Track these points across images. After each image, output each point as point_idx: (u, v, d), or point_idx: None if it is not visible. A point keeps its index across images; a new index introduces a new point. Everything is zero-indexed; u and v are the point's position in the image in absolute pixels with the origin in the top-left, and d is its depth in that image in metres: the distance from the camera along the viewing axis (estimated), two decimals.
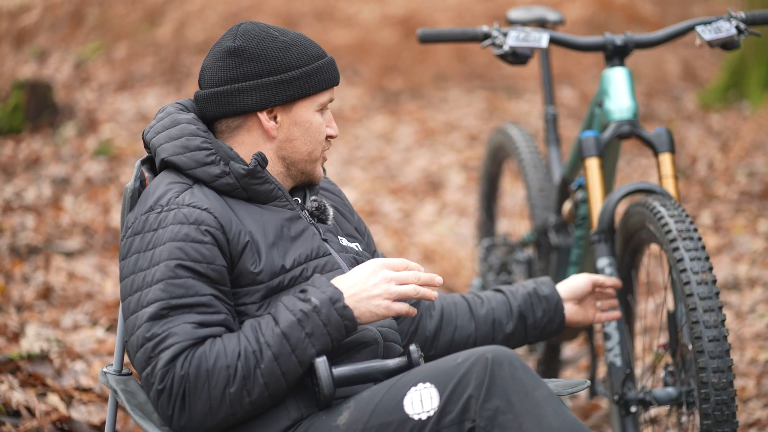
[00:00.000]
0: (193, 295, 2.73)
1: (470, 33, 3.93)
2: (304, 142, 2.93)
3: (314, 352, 2.71)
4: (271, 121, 2.92)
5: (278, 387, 2.71)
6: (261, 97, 2.89)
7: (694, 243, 3.39)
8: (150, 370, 2.70)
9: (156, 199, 2.82)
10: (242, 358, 2.69)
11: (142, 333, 2.71)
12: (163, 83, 10.12)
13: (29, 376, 4.31)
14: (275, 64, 2.89)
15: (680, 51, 10.87)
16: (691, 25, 3.91)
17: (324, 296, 2.73)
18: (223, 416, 2.69)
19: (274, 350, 2.70)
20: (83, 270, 5.96)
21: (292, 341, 2.70)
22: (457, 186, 8.03)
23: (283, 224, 2.89)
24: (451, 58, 11.04)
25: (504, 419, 2.62)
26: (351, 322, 2.75)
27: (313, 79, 2.91)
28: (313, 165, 2.96)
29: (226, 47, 2.91)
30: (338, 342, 2.76)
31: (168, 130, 2.90)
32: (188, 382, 2.67)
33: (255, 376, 2.69)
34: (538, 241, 4.73)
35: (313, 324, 2.71)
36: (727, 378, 3.28)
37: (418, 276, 2.79)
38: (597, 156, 3.88)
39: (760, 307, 5.56)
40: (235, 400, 2.69)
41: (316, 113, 2.94)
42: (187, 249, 2.75)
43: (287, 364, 2.70)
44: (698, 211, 7.05)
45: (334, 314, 2.73)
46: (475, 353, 2.70)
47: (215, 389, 2.68)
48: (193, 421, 2.69)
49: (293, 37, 2.93)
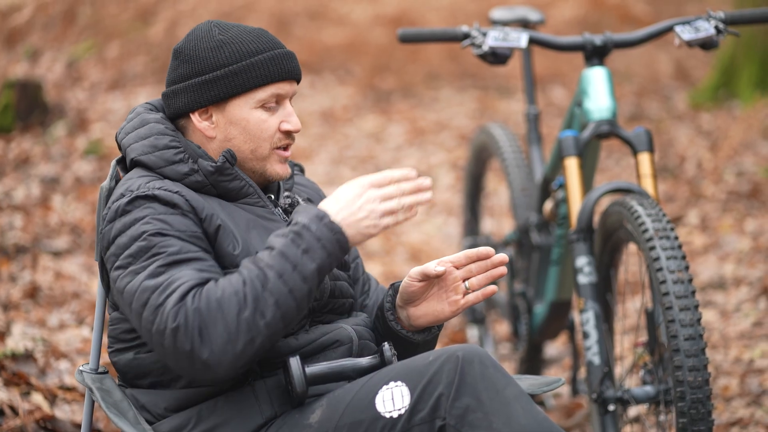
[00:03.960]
0: (186, 252, 2.74)
1: (450, 33, 3.95)
2: (244, 140, 2.92)
3: (314, 267, 2.70)
4: (204, 122, 2.92)
5: (288, 306, 2.69)
6: (188, 99, 2.91)
7: (670, 242, 3.41)
8: (160, 316, 2.66)
9: (126, 188, 2.83)
10: (248, 283, 2.68)
11: (144, 292, 2.69)
12: (154, 82, 10.13)
13: (13, 375, 4.32)
14: (203, 64, 2.89)
15: (672, 50, 10.88)
16: (670, 25, 3.93)
17: (310, 214, 2.73)
18: (243, 344, 2.66)
19: (277, 269, 2.68)
20: (70, 269, 5.97)
21: (291, 258, 2.69)
22: (446, 185, 8.05)
23: (255, 220, 2.90)
24: (443, 57, 11.05)
25: (474, 417, 2.64)
26: (342, 236, 2.72)
27: (242, 76, 2.88)
28: (262, 163, 2.94)
29: (173, 48, 2.96)
30: (337, 259, 2.73)
31: (137, 130, 2.92)
32: (201, 314, 2.65)
33: (264, 296, 2.67)
34: (520, 240, 4.75)
35: (306, 241, 2.70)
36: (702, 376, 3.30)
37: (403, 188, 2.75)
38: (576, 155, 3.90)
39: (745, 306, 5.58)
40: (251, 324, 2.66)
41: (254, 110, 2.91)
42: (168, 220, 2.77)
43: (292, 280, 2.68)
44: (686, 210, 7.07)
45: (324, 230, 2.71)
46: (447, 352, 2.71)
47: (229, 316, 2.66)
48: (214, 353, 2.65)
49: (235, 34, 2.92)
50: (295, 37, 11.01)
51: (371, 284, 3.17)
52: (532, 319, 4.64)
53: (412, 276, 2.88)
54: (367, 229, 2.74)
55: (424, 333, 2.96)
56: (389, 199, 2.75)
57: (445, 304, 2.90)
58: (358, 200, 2.75)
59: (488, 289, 2.89)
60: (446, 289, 2.90)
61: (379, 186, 2.76)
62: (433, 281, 2.89)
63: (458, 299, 2.89)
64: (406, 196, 2.76)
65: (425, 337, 2.96)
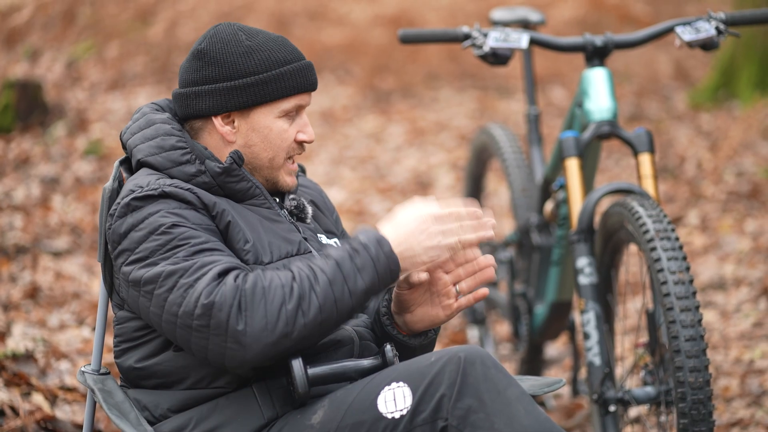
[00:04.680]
0: (209, 241, 2.74)
1: (451, 34, 3.95)
2: (264, 148, 2.93)
3: (364, 285, 2.71)
4: (226, 126, 2.92)
5: (330, 314, 2.70)
6: (214, 102, 2.90)
7: (671, 243, 3.41)
8: (189, 296, 2.66)
9: (136, 183, 2.83)
10: (298, 279, 2.69)
11: (170, 276, 2.69)
12: (154, 83, 10.13)
13: (14, 376, 4.33)
14: (232, 69, 2.89)
15: (672, 50, 10.88)
16: (671, 25, 3.93)
17: (371, 237, 2.75)
18: (279, 334, 2.66)
19: (329, 275, 2.70)
20: (71, 270, 5.97)
21: (344, 270, 2.70)
22: (445, 186, 8.05)
23: (262, 220, 2.90)
24: (442, 57, 11.05)
25: (476, 418, 2.64)
26: (396, 266, 2.74)
27: (272, 86, 2.89)
28: (276, 173, 2.95)
29: (194, 49, 2.93)
30: (384, 285, 2.75)
31: (143, 131, 2.92)
32: (244, 295, 2.65)
33: (311, 296, 2.68)
34: (520, 241, 4.75)
35: (362, 258, 2.72)
36: (703, 377, 3.30)
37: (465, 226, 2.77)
38: (577, 156, 3.90)
39: (745, 306, 5.58)
40: (291, 318, 2.66)
41: (277, 119, 2.92)
42: (183, 214, 2.77)
43: (340, 291, 2.70)
44: (686, 210, 7.07)
45: (382, 255, 2.73)
46: (449, 352, 2.71)
47: (272, 305, 2.66)
48: (248, 334, 2.65)
49: (262, 41, 2.92)
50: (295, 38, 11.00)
51: None
52: (532, 319, 4.64)
53: (399, 284, 2.88)
54: (421, 261, 2.78)
55: (421, 337, 2.96)
56: (450, 234, 2.77)
57: (438, 308, 2.90)
58: (419, 235, 2.76)
59: (479, 293, 2.89)
60: (438, 294, 2.90)
61: (442, 220, 2.77)
62: (424, 287, 2.90)
63: (451, 303, 2.89)
64: (468, 233, 2.78)
65: (422, 341, 2.97)
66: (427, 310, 2.91)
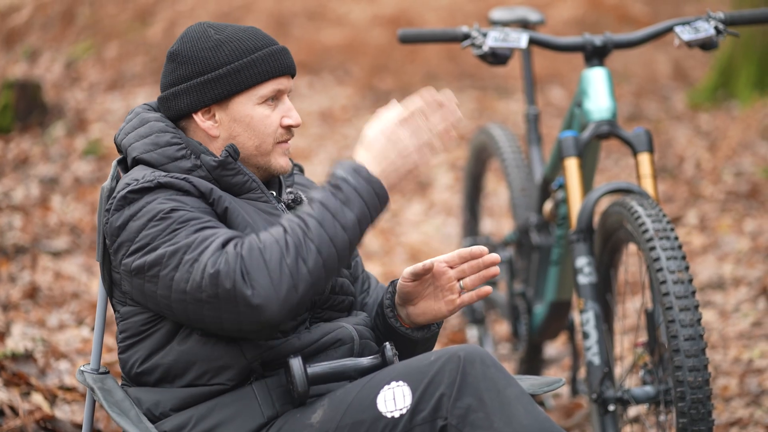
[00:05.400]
0: (208, 221, 2.76)
1: (450, 33, 3.96)
2: (248, 137, 2.93)
3: (353, 216, 2.71)
4: (207, 122, 2.93)
5: (330, 253, 2.70)
6: (191, 99, 2.91)
7: (670, 242, 3.41)
8: (195, 269, 2.68)
9: (132, 177, 2.84)
10: (289, 231, 2.70)
11: (174, 255, 2.71)
12: (153, 83, 10.13)
13: (13, 375, 4.33)
14: (204, 64, 2.90)
15: (671, 50, 10.89)
16: (670, 25, 3.93)
17: (347, 168, 2.75)
18: (287, 290, 2.67)
19: (317, 217, 2.71)
20: (70, 269, 5.97)
21: (330, 208, 2.71)
22: (444, 186, 8.05)
23: (259, 213, 2.91)
24: (441, 57, 11.05)
25: (475, 417, 2.64)
26: (380, 188, 2.74)
27: (244, 73, 2.90)
28: (267, 158, 2.96)
29: (168, 52, 2.96)
30: (376, 210, 2.76)
31: (137, 130, 2.93)
32: (243, 260, 2.66)
33: (306, 242, 2.69)
34: (519, 241, 4.75)
35: (344, 191, 2.72)
36: (702, 376, 3.31)
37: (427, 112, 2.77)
38: (576, 156, 3.91)
39: (744, 306, 5.58)
40: (293, 270, 2.67)
41: (257, 106, 2.92)
42: (181, 199, 2.79)
43: (332, 228, 2.70)
44: (685, 210, 7.07)
45: (362, 181, 2.73)
46: (448, 352, 2.71)
47: (272, 263, 2.67)
48: (257, 296, 2.66)
49: (231, 33, 2.93)
50: (294, 38, 11.01)
51: (371, 282, 3.18)
52: (531, 319, 4.64)
53: (405, 276, 2.91)
54: (407, 170, 2.78)
55: (424, 330, 2.97)
56: (421, 132, 2.77)
57: (441, 303, 2.92)
58: (393, 147, 2.77)
59: (482, 290, 2.90)
60: (442, 289, 2.92)
61: (409, 122, 2.77)
62: (428, 280, 2.92)
63: (454, 299, 2.91)
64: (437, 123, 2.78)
65: (425, 335, 2.97)
66: (430, 304, 2.93)
